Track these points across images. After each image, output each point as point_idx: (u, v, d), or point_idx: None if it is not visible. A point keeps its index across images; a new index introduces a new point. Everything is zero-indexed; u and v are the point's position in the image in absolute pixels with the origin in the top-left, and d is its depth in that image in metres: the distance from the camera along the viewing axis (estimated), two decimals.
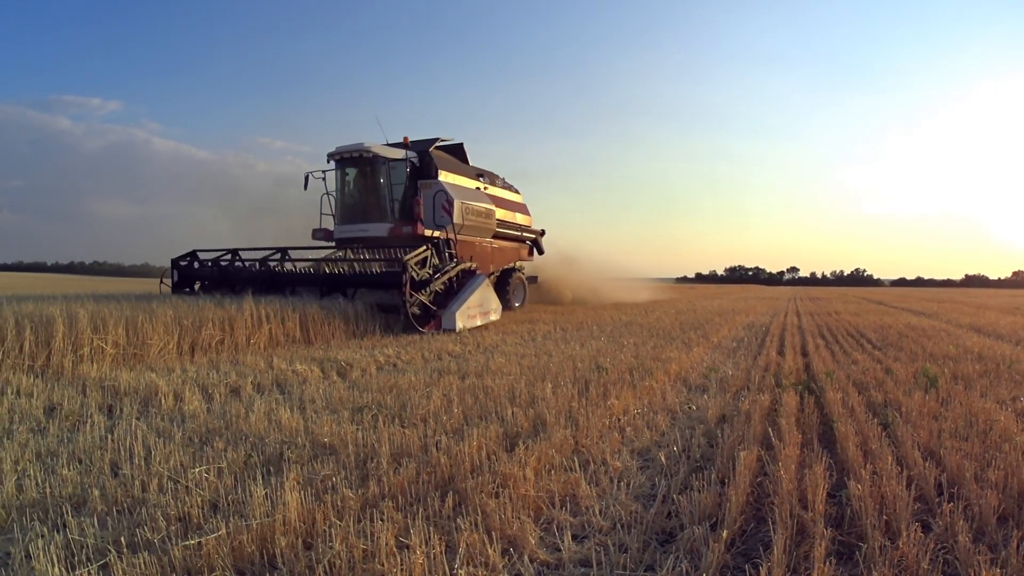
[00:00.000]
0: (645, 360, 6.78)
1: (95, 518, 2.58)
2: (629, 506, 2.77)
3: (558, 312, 16.09)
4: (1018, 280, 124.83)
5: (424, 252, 10.57)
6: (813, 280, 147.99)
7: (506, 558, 2.33)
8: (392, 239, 12.87)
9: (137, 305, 7.78)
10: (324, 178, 14.00)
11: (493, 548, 2.31)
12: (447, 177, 14.33)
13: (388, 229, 13.23)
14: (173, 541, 2.31)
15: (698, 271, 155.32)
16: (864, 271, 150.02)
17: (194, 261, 12.47)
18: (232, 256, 12.28)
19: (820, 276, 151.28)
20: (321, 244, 14.16)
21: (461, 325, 10.27)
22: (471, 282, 11.19)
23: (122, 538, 2.34)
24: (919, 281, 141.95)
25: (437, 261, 10.95)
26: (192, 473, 3.03)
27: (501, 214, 16.19)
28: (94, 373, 5.83)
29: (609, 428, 4.07)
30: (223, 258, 12.29)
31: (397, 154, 13.76)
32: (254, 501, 2.61)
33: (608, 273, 24.80)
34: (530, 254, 18.60)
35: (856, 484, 2.85)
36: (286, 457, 3.33)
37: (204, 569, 2.17)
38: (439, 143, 14.99)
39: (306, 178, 13.80)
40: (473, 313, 10.83)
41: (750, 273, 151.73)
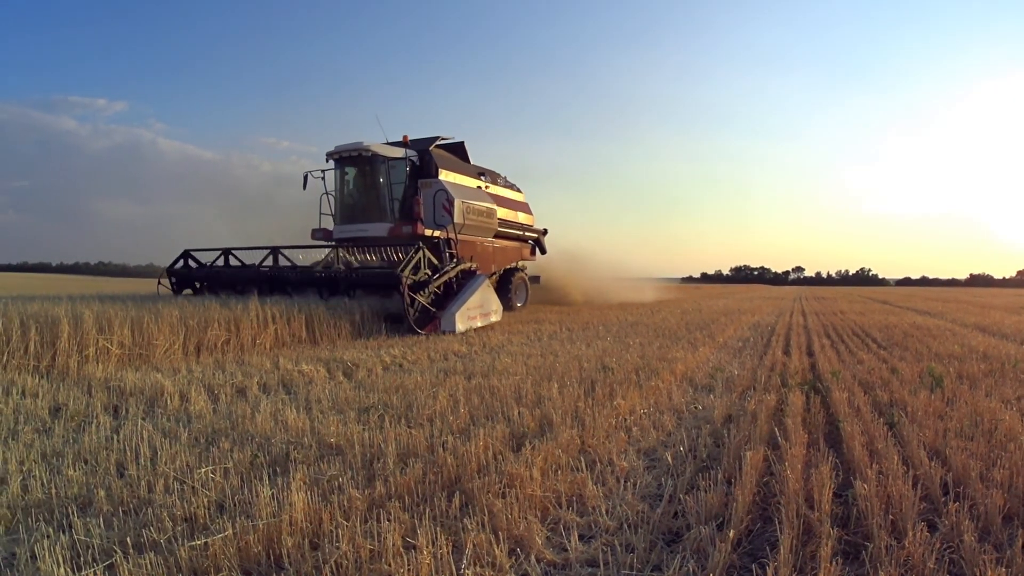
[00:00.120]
0: (651, 360, 6.77)
1: (101, 519, 2.58)
2: (636, 506, 2.76)
3: (564, 312, 16.02)
4: (1023, 279, 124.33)
5: (417, 257, 10.26)
6: (818, 280, 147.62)
7: (513, 558, 2.32)
8: (392, 239, 12.71)
9: (142, 305, 7.81)
10: (323, 177, 13.88)
11: (500, 548, 2.31)
12: (448, 176, 14.20)
13: (388, 229, 13.08)
14: (179, 541, 2.30)
15: (703, 271, 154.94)
16: (869, 271, 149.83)
17: (188, 261, 12.37)
18: (225, 256, 12.09)
19: (825, 276, 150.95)
20: (320, 244, 13.95)
21: (461, 326, 10.16)
22: (471, 283, 11.05)
23: (128, 539, 2.34)
24: (924, 281, 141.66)
25: (436, 261, 10.74)
26: (198, 473, 3.04)
27: (503, 213, 16.01)
28: (99, 373, 5.83)
29: (615, 428, 4.06)
30: (216, 261, 12.11)
31: (397, 153, 13.63)
32: (260, 501, 2.61)
33: (614, 273, 24.73)
34: (532, 254, 18.41)
35: (862, 484, 2.85)
36: (292, 457, 3.33)
37: (211, 569, 2.17)
38: (439, 142, 14.85)
39: (305, 177, 13.68)
40: (473, 314, 10.70)
41: (755, 273, 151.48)
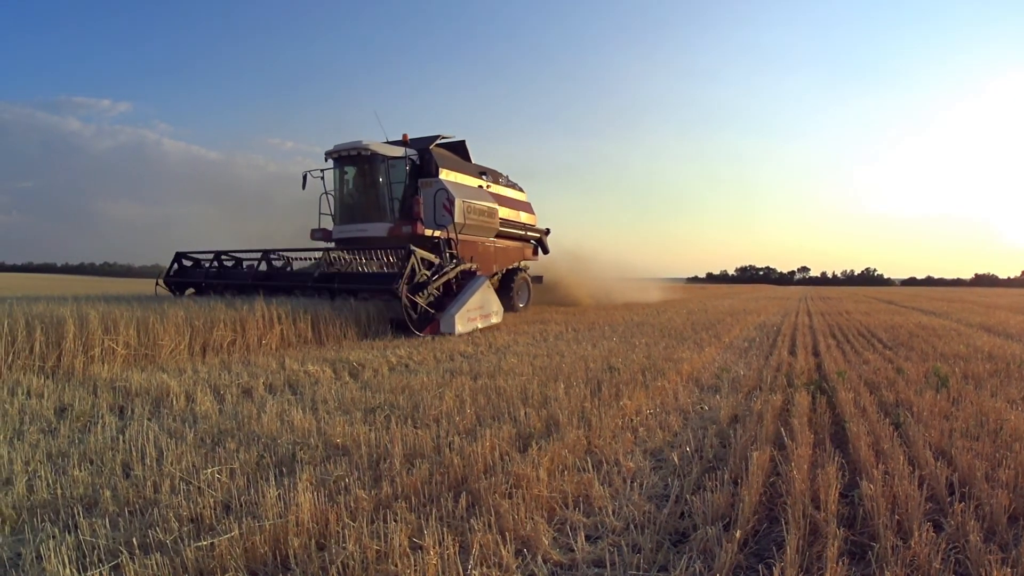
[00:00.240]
0: (657, 360, 6.76)
1: (107, 519, 2.58)
2: (642, 506, 2.76)
3: (569, 312, 15.95)
4: None
5: (410, 263, 9.83)
6: (824, 280, 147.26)
7: (519, 559, 2.32)
8: (392, 239, 12.56)
9: (148, 306, 7.82)
10: (322, 177, 13.76)
11: (506, 549, 2.31)
12: (448, 175, 13.98)
13: (387, 229, 12.90)
14: (185, 542, 2.30)
15: (709, 271, 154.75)
16: (874, 271, 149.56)
17: (182, 263, 12.33)
18: (219, 259, 12.01)
19: (831, 276, 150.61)
20: (316, 247, 13.62)
21: (460, 328, 9.96)
22: (471, 284, 10.84)
23: (134, 539, 2.34)
24: (929, 280, 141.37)
25: (434, 260, 10.51)
26: (204, 474, 3.04)
27: (504, 213, 15.76)
28: (105, 374, 5.84)
29: (622, 428, 4.06)
30: (212, 263, 12.07)
31: (396, 152, 13.47)
32: (267, 502, 2.61)
33: (618, 273, 24.66)
34: (535, 254, 18.23)
35: (868, 484, 2.84)
36: (299, 458, 3.33)
37: (217, 570, 2.17)
38: (440, 140, 14.66)
39: (304, 177, 13.56)
40: (473, 316, 10.52)
41: (761, 273, 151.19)
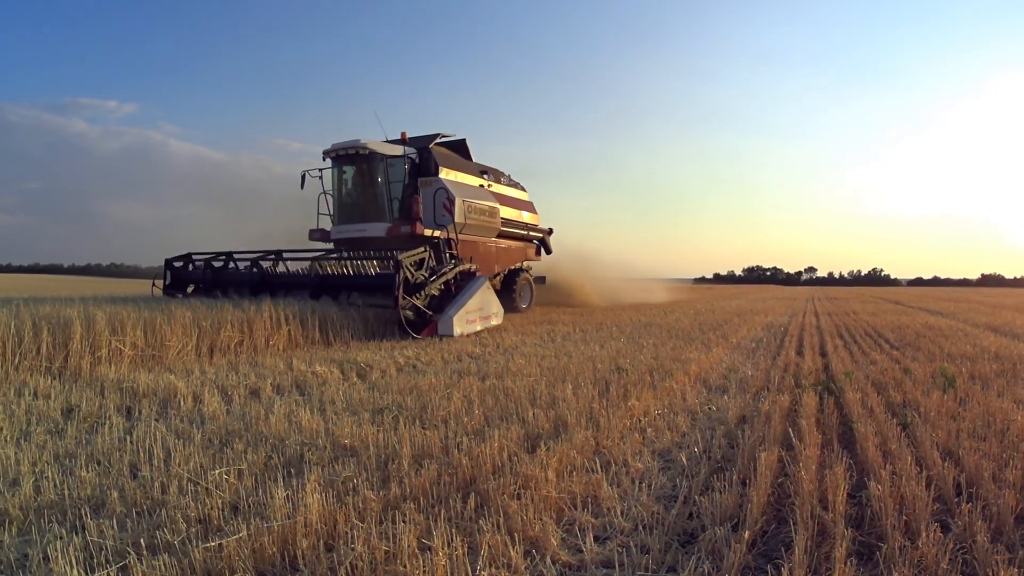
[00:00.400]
0: (665, 361, 6.75)
1: (114, 520, 2.58)
2: (651, 507, 2.75)
3: (577, 313, 15.88)
4: None
5: (402, 275, 9.41)
6: (831, 280, 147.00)
7: (528, 559, 2.31)
8: (391, 239, 12.44)
9: (155, 307, 7.85)
10: (321, 176, 13.62)
11: (515, 549, 2.30)
12: (448, 174, 13.79)
13: (386, 229, 12.77)
14: (193, 543, 2.30)
15: (716, 271, 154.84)
16: (881, 271, 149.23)
17: (189, 264, 12.23)
18: (227, 259, 11.85)
19: (838, 276, 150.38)
20: (318, 245, 13.67)
21: (459, 331, 9.79)
22: (470, 285, 10.68)
23: (142, 540, 2.34)
24: (936, 281, 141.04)
25: (434, 262, 10.37)
26: (212, 475, 3.04)
27: (506, 212, 15.53)
28: (112, 375, 5.86)
29: (630, 429, 4.05)
30: (216, 261, 11.89)
31: (395, 151, 13.27)
32: (275, 503, 2.61)
33: (624, 273, 24.61)
34: (537, 254, 18.00)
35: (876, 484, 2.83)
36: (307, 459, 3.33)
37: (225, 571, 2.17)
38: (440, 139, 14.44)
39: (303, 177, 13.45)
40: (472, 318, 10.37)
41: (768, 273, 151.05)
